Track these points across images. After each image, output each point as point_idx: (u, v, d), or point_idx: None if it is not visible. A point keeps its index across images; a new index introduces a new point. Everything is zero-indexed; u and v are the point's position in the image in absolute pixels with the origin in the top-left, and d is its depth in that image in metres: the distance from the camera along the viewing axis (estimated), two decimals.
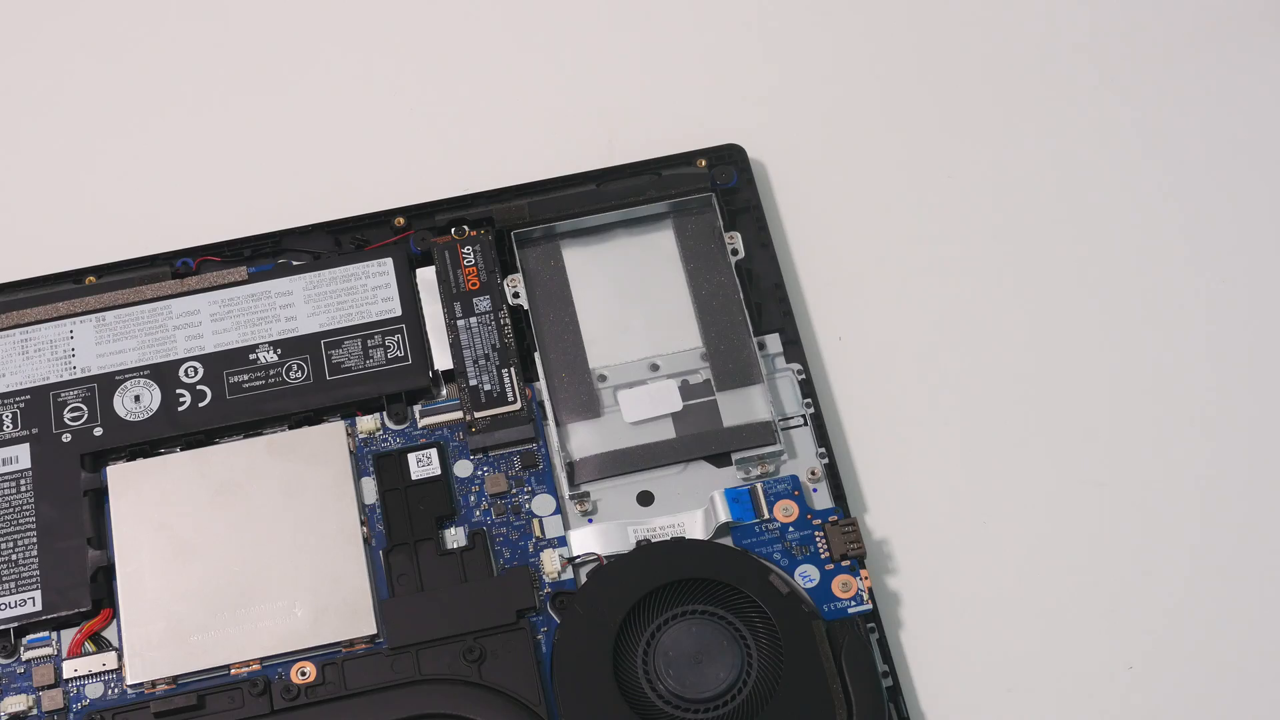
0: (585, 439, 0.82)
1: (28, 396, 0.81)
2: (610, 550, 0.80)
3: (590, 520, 0.81)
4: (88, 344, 0.83)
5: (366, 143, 0.90)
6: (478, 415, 0.82)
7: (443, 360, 0.83)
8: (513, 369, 0.83)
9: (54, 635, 0.77)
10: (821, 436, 0.82)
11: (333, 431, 0.81)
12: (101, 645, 0.77)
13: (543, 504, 0.81)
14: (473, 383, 0.83)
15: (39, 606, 0.77)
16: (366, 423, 0.82)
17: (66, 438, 0.81)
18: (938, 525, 0.81)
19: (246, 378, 0.83)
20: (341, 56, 0.91)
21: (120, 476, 0.79)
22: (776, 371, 0.84)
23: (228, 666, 0.76)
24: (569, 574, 0.79)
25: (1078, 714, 0.76)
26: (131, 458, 0.80)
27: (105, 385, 0.82)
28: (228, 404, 0.82)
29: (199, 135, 0.89)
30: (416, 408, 0.83)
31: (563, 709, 0.74)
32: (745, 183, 0.87)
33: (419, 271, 0.85)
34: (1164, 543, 0.79)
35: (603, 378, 0.84)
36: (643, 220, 0.86)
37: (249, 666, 0.76)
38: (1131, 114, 0.87)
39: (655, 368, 0.84)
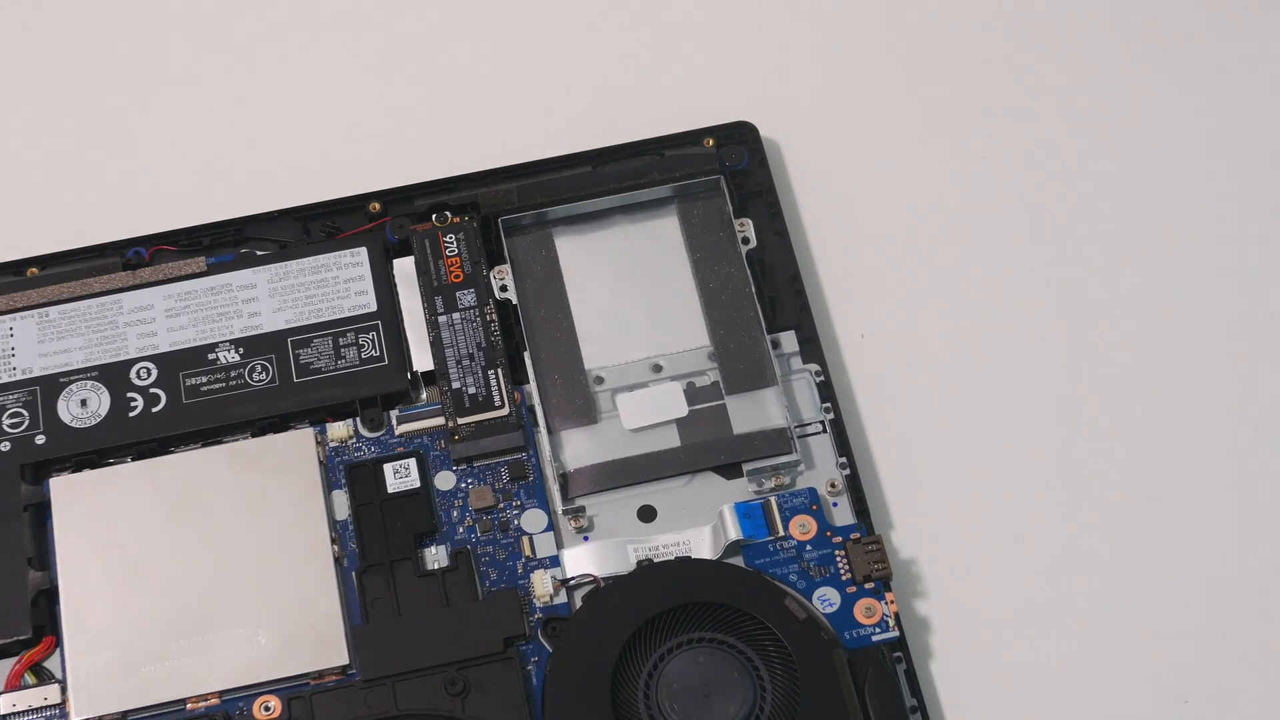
0: (580, 448, 0.82)
1: None
2: (608, 571, 0.79)
3: (586, 538, 0.80)
4: (29, 342, 0.82)
5: (338, 120, 0.90)
6: (461, 422, 0.82)
7: (422, 361, 0.83)
8: (500, 370, 0.83)
9: None
10: (842, 445, 0.82)
11: (300, 439, 0.81)
12: (43, 677, 0.77)
13: (533, 520, 0.81)
14: (456, 385, 0.83)
15: None
16: (338, 430, 0.82)
17: (5, 446, 0.80)
18: (971, 543, 0.81)
19: (205, 380, 0.83)
20: (311, 26, 0.91)
21: (64, 489, 0.79)
22: (792, 373, 0.84)
23: (183, 701, 0.76)
24: (562, 597, 0.79)
25: None
26: (77, 469, 0.80)
27: (48, 388, 0.82)
28: (184, 409, 0.82)
29: (152, 113, 0.89)
30: (393, 413, 0.83)
31: None
32: (757, 164, 0.87)
33: (396, 262, 0.85)
34: (1227, 564, 0.78)
35: (600, 380, 0.84)
36: (644, 206, 0.86)
37: (207, 701, 0.76)
38: (1189, 92, 0.88)
39: (658, 369, 0.84)
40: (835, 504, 0.81)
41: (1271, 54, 0.88)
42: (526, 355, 0.83)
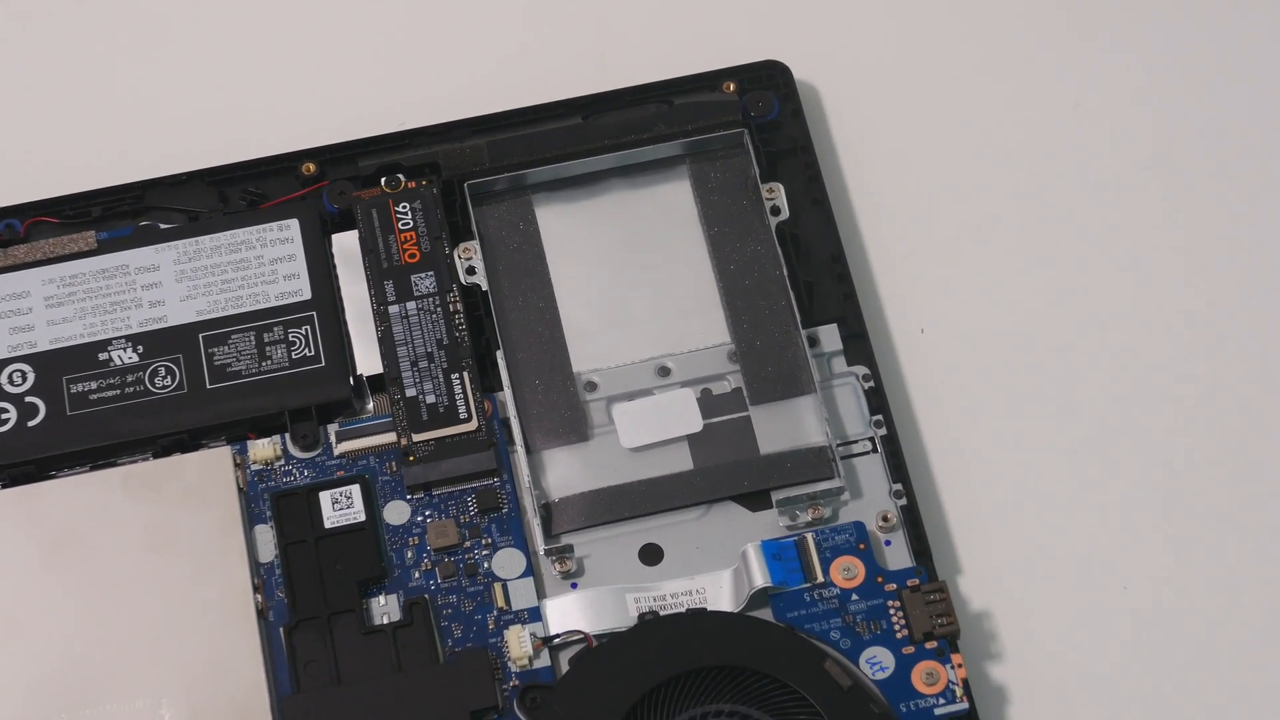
0: (567, 472, 0.82)
1: None
2: (602, 627, 0.79)
3: (574, 585, 0.80)
4: None
5: (264, 58, 0.90)
6: (418, 439, 0.81)
7: (368, 362, 0.83)
8: (466, 374, 0.82)
9: None
10: (897, 468, 0.82)
11: (215, 461, 0.81)
12: None
13: (508, 563, 0.80)
14: (411, 393, 0.82)
15: None
16: (262, 449, 0.82)
17: None
18: (1059, 592, 0.81)
19: (94, 386, 0.82)
20: None
21: None
22: (834, 378, 0.83)
23: None
24: (544, 660, 0.79)
25: None
26: None
27: None
28: (67, 423, 0.81)
29: (26, 53, 0.91)
30: (332, 428, 0.82)
31: None
32: (790, 114, 0.87)
33: (335, 238, 0.85)
34: None
35: (592, 386, 0.83)
36: (648, 167, 0.86)
37: None
38: None
39: (665, 372, 0.83)
40: (888, 542, 0.81)
41: None
42: (500, 355, 0.83)
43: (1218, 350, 0.85)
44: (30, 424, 0.81)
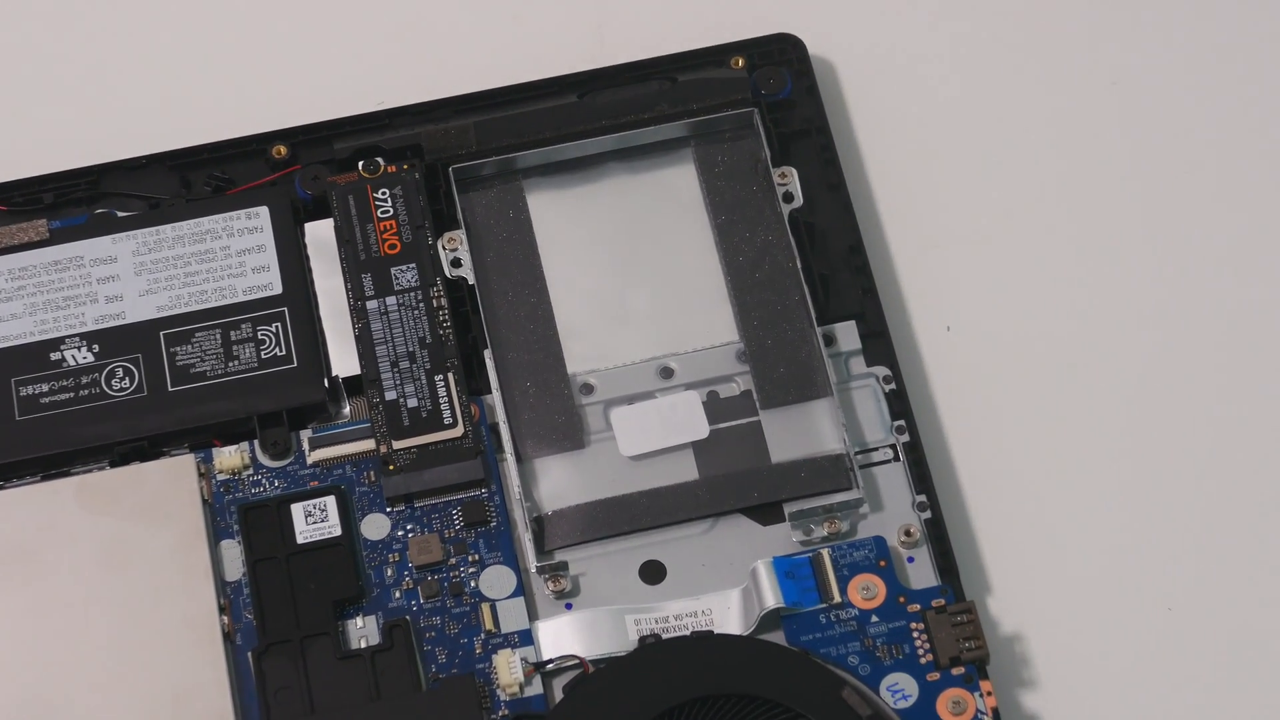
0: (561, 482, 0.82)
1: None
2: (600, 651, 0.79)
3: (569, 606, 0.80)
4: None
5: (231, 33, 0.91)
6: (398, 446, 0.81)
7: (345, 362, 0.83)
8: (451, 376, 0.82)
9: None
10: (921, 478, 0.82)
11: (177, 471, 0.81)
12: None
13: (497, 581, 0.80)
14: (391, 396, 0.82)
15: None
16: (229, 457, 0.82)
17: None
18: (1098, 614, 0.81)
19: (46, 388, 0.82)
20: None
21: None
22: (852, 379, 0.83)
23: None
24: (536, 687, 0.79)
25: None
26: None
27: None
28: (16, 429, 0.82)
29: None
30: (305, 434, 0.82)
31: None
32: (804, 93, 0.87)
33: (309, 227, 0.85)
34: None
35: (588, 389, 0.83)
36: (649, 150, 0.86)
37: None
38: None
39: (668, 374, 0.83)
40: (911, 559, 0.81)
41: None
42: (488, 355, 0.83)
43: (1273, 351, 0.85)
44: None
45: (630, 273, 0.85)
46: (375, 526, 0.81)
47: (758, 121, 0.86)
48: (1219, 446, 0.84)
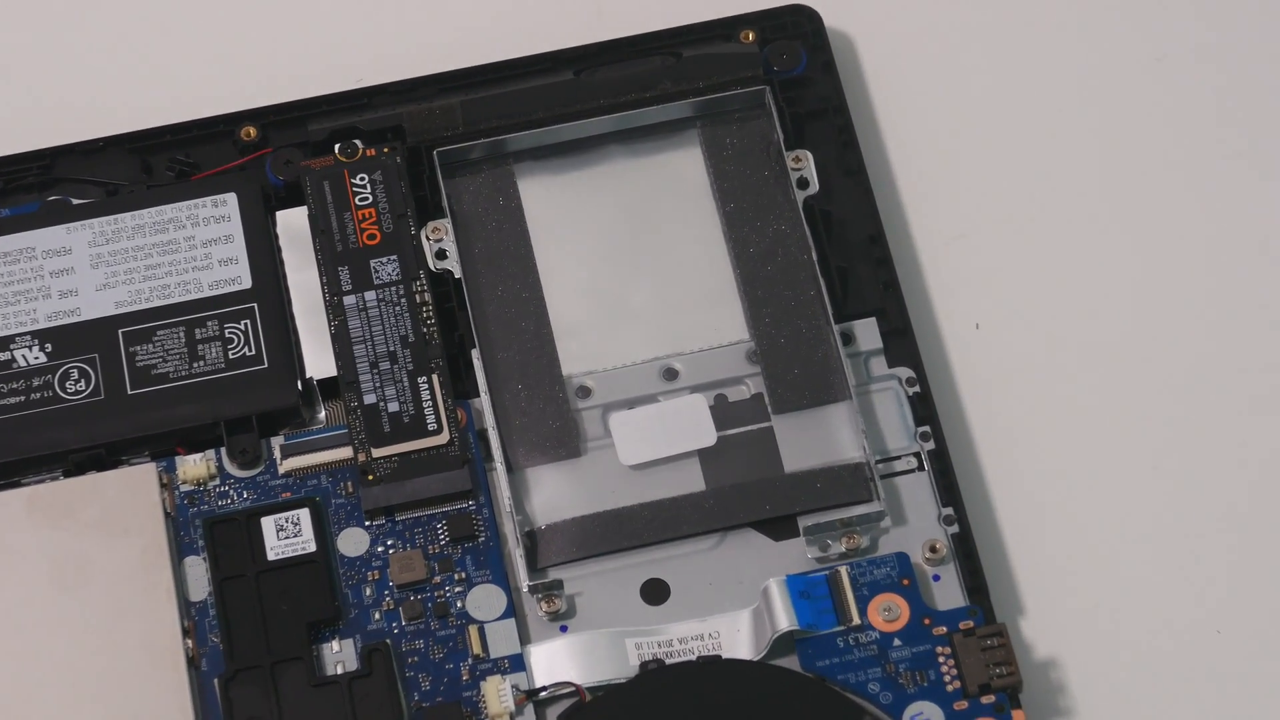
0: (556, 494, 0.82)
1: None
2: (597, 678, 0.79)
3: (564, 629, 0.80)
4: None
5: (197, 3, 0.92)
6: (378, 455, 0.81)
7: (320, 363, 0.83)
8: (436, 378, 0.82)
9: None
10: (947, 489, 0.82)
11: (137, 481, 0.81)
12: None
13: (485, 601, 0.80)
14: (370, 400, 0.82)
15: None
16: (194, 466, 0.82)
17: None
18: (1140, 637, 0.81)
19: None
20: None
21: None
22: (873, 381, 0.83)
23: None
24: (528, 717, 0.79)
25: None
26: None
27: None
28: None
29: None
30: (276, 441, 0.82)
31: None
32: (821, 69, 0.88)
33: (280, 215, 0.86)
34: None
35: (585, 392, 0.83)
36: (652, 131, 0.87)
37: None
38: None
39: (672, 375, 0.84)
40: (937, 577, 0.81)
41: None
42: (476, 355, 0.83)
43: None
44: None
45: (631, 265, 0.85)
46: (353, 542, 0.81)
47: (769, 100, 0.86)
48: (1276, 453, 0.84)
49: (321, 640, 0.79)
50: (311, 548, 0.80)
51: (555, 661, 0.78)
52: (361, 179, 0.84)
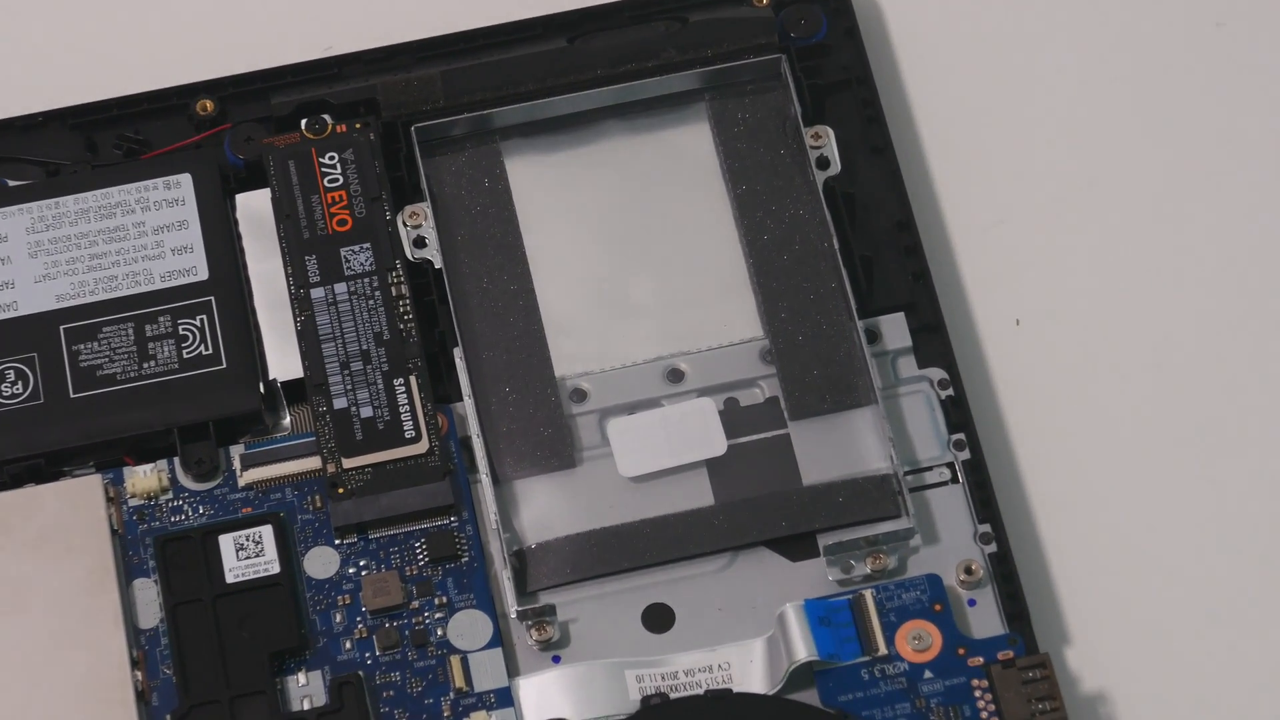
0: (548, 509, 0.82)
1: None
2: (594, 714, 0.79)
3: (556, 659, 0.80)
4: None
5: None
6: (349, 465, 0.81)
7: (284, 363, 0.83)
8: (414, 380, 0.82)
9: None
10: (985, 504, 0.81)
11: (81, 494, 0.81)
12: None
13: (469, 629, 0.80)
14: (340, 404, 0.82)
15: None
16: (143, 478, 0.82)
17: None
18: (1197, 669, 0.81)
19: None
20: None
21: None
22: (901, 384, 0.83)
23: None
24: None
25: None
26: None
27: None
28: None
29: None
30: (236, 450, 0.82)
31: None
32: (843, 36, 0.88)
33: (240, 198, 0.86)
34: None
35: (581, 396, 0.83)
36: (654, 105, 0.87)
37: None
38: None
39: (677, 377, 0.83)
40: (972, 602, 0.80)
41: None
42: (459, 354, 0.82)
43: None
44: None
45: (631, 254, 0.85)
46: (321, 563, 0.81)
47: (786, 70, 0.86)
48: None
49: (286, 672, 0.79)
50: (275, 569, 0.80)
51: (547, 696, 0.79)
52: (331, 158, 0.84)
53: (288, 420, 0.82)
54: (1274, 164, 0.88)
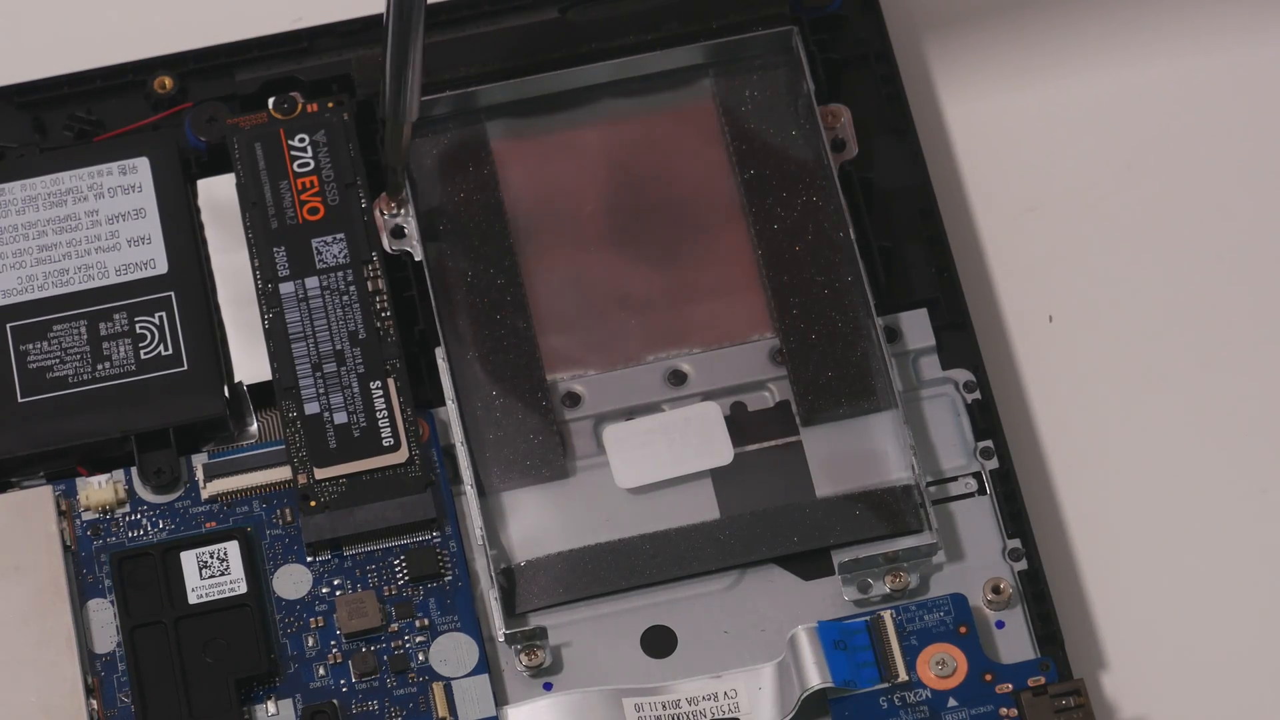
0: (538, 523, 0.83)
1: None
2: None
3: (548, 686, 0.81)
4: None
5: None
6: (322, 476, 0.82)
7: (251, 365, 0.84)
8: (392, 382, 0.82)
9: None
10: (1015, 517, 0.82)
11: (30, 506, 0.82)
12: None
13: (453, 653, 0.81)
14: (312, 409, 0.83)
15: None
16: (98, 490, 0.83)
17: None
18: (1241, 695, 0.82)
19: None
20: None
21: None
22: (924, 386, 0.84)
23: None
24: None
25: None
26: None
27: None
28: None
29: None
30: (198, 459, 0.83)
31: None
32: (860, 7, 0.89)
33: (202, 184, 0.87)
34: None
35: (574, 400, 0.84)
36: (655, 82, 0.88)
37: None
38: None
39: (679, 379, 0.84)
40: (1001, 624, 0.81)
41: None
42: (441, 355, 0.83)
43: None
44: None
45: (629, 246, 0.85)
46: (292, 582, 0.81)
47: (798, 44, 0.86)
48: None
49: (255, 700, 0.80)
50: (242, 589, 0.80)
51: None
52: (301, 140, 0.85)
53: (255, 427, 0.83)
54: None
